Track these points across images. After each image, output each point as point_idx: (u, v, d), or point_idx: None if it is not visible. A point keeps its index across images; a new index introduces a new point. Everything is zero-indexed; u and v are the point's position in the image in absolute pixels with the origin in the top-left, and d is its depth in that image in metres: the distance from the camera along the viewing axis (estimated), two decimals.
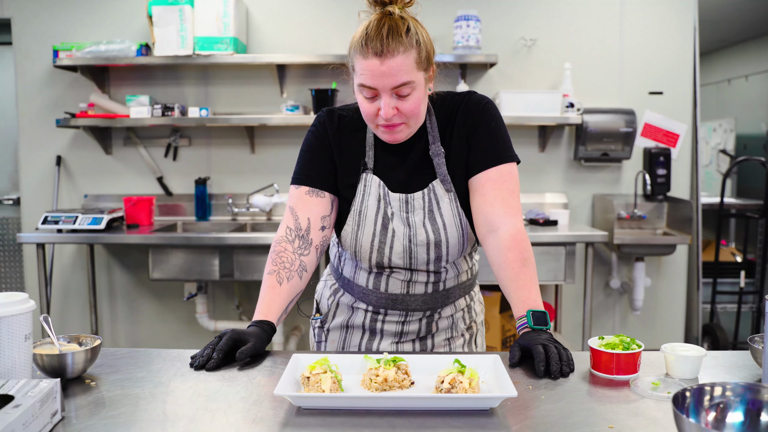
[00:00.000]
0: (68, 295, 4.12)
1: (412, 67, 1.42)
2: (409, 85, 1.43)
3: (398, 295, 1.60)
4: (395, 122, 1.47)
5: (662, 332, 4.15)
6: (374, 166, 1.57)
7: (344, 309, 1.68)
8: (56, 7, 3.95)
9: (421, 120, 1.52)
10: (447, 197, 1.55)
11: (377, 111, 1.46)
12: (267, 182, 4.00)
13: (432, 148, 1.55)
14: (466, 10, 3.71)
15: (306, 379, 1.19)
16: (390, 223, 1.54)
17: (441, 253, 1.55)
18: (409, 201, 1.55)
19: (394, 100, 1.44)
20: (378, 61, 1.40)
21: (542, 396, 1.19)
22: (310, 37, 3.95)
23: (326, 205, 1.57)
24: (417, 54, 1.43)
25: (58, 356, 1.25)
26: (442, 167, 1.55)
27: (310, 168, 1.58)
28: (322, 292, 1.77)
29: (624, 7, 3.97)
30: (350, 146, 1.59)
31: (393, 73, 1.41)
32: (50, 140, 4.04)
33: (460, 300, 1.68)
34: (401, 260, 1.55)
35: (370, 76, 1.42)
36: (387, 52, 1.39)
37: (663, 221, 4.03)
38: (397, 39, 1.40)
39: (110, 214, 3.58)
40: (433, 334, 1.66)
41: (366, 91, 1.45)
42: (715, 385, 0.92)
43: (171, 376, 1.31)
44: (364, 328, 1.66)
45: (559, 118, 3.74)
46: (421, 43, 1.44)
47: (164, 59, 3.70)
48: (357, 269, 1.63)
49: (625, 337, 1.33)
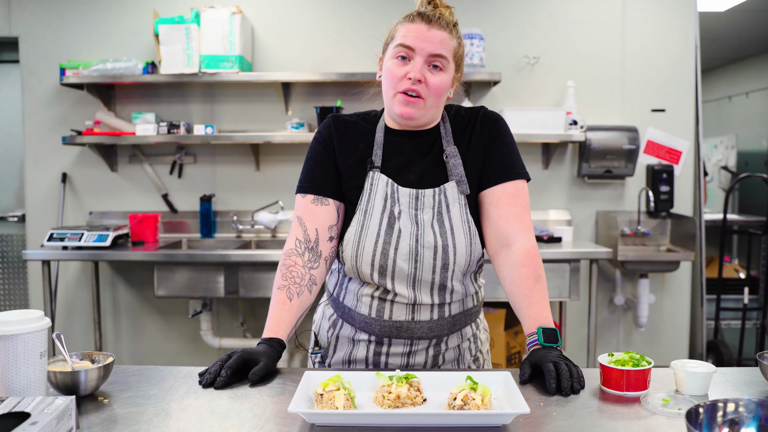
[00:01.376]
0: (73, 312, 4.12)
1: (450, 50, 1.50)
2: (443, 61, 1.48)
3: (403, 323, 1.53)
4: (417, 92, 1.48)
5: (667, 349, 4.14)
6: (382, 165, 1.55)
7: (345, 342, 1.60)
8: (63, 25, 3.99)
9: (436, 110, 1.54)
10: (458, 202, 1.52)
11: (405, 74, 1.47)
12: (272, 199, 4.01)
13: (447, 150, 1.55)
14: (470, 29, 3.74)
15: (319, 396, 1.19)
16: (396, 221, 1.50)
17: (448, 261, 1.50)
18: (419, 197, 1.52)
19: (425, 69, 1.48)
20: (425, 26, 1.47)
21: (554, 413, 1.19)
22: (315, 56, 3.99)
23: (332, 214, 1.55)
24: (457, 45, 1.52)
25: (71, 374, 1.26)
26: (459, 168, 1.53)
27: (314, 175, 1.57)
28: (320, 323, 1.68)
29: (626, 25, 4.01)
30: (356, 147, 1.57)
31: (436, 40, 1.47)
32: (56, 157, 4.06)
33: (467, 328, 1.62)
34: (406, 264, 1.49)
35: (413, 37, 1.47)
36: (435, 21, 1.48)
37: (666, 238, 4.03)
38: (446, 20, 1.51)
39: (115, 231, 3.59)
40: (440, 366, 1.59)
41: (402, 51, 1.48)
42: (728, 401, 0.93)
43: (183, 393, 1.31)
44: (368, 362, 1.58)
45: (562, 135, 3.76)
46: (460, 41, 1.54)
47: (170, 77, 3.73)
48: (359, 297, 1.55)
49: (634, 354, 1.33)
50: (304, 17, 3.99)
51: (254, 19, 3.99)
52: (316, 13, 3.98)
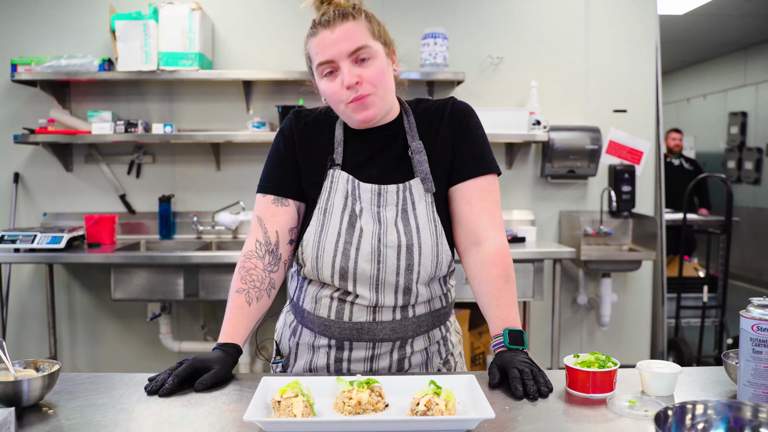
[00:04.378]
0: (26, 317, 3.99)
1: (366, 33, 1.41)
2: (366, 50, 1.40)
3: (363, 324, 1.45)
4: (363, 93, 1.41)
5: (629, 347, 4.18)
6: (343, 162, 1.49)
7: (305, 349, 1.53)
8: (15, 20, 3.86)
9: (389, 97, 1.46)
10: (424, 200, 1.46)
11: (341, 86, 1.40)
12: (233, 200, 3.94)
13: (412, 145, 1.48)
14: (433, 28, 3.72)
15: (277, 403, 1.15)
16: (358, 220, 1.43)
17: (412, 261, 1.42)
18: (382, 193, 1.45)
19: (356, 68, 1.40)
20: (328, 31, 1.40)
21: (519, 417, 1.16)
22: (276, 54, 3.92)
23: (292, 215, 1.50)
24: (368, 24, 1.43)
25: (12, 383, 1.18)
26: (424, 164, 1.47)
27: (275, 175, 1.52)
28: (282, 332, 1.61)
29: (589, 27, 4.03)
30: (317, 143, 1.52)
31: (346, 37, 1.39)
32: (7, 157, 3.92)
33: (435, 331, 1.53)
34: (368, 264, 1.41)
35: (323, 48, 1.40)
36: (335, 19, 1.40)
37: (628, 237, 4.07)
38: (343, 9, 1.42)
39: (70, 232, 3.48)
40: (406, 371, 1.50)
41: (325, 68, 1.41)
42: (697, 403, 0.91)
43: (134, 402, 1.25)
44: (329, 369, 1.50)
45: (525, 135, 3.77)
46: (370, 17, 1.45)
47: (127, 74, 3.63)
48: (318, 299, 1.48)
49: (600, 355, 1.31)
50: (266, 15, 3.93)
51: (215, 16, 3.91)
52: (279, 10, 3.92)
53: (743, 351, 1.17)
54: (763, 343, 1.13)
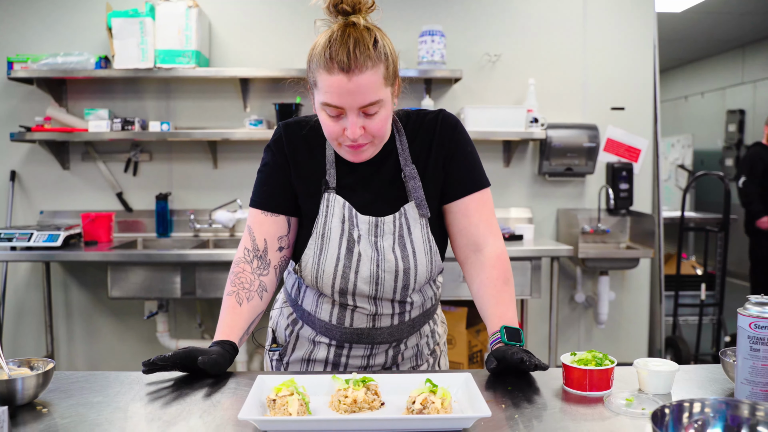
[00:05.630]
0: (22, 316, 3.98)
1: (381, 83, 1.34)
2: (377, 104, 1.35)
3: (364, 330, 1.51)
4: (362, 142, 1.39)
5: (626, 345, 4.17)
6: (336, 185, 1.48)
7: (304, 342, 1.57)
8: (11, 17, 3.84)
9: (386, 138, 1.46)
10: (419, 223, 1.48)
11: (342, 131, 1.37)
12: (230, 198, 3.93)
13: (406, 170, 1.48)
14: (431, 26, 3.71)
15: (272, 401, 1.14)
16: (356, 245, 1.45)
17: (409, 282, 1.47)
18: (379, 225, 1.46)
19: (361, 119, 1.36)
20: (345, 78, 1.31)
21: (516, 415, 1.16)
22: (274, 51, 3.91)
23: (282, 225, 1.50)
24: (385, 69, 1.35)
25: (6, 382, 1.18)
26: (419, 191, 1.48)
27: (263, 190, 1.52)
28: (278, 321, 1.64)
29: (587, 25, 4.02)
30: (309, 163, 1.50)
31: (362, 91, 1.32)
32: (4, 155, 3.91)
33: (425, 326, 1.61)
34: (367, 286, 1.45)
35: (336, 94, 1.32)
36: (355, 67, 1.30)
37: (626, 235, 4.07)
38: (365, 53, 1.31)
39: (67, 230, 3.46)
40: (398, 364, 1.59)
41: (331, 110, 1.36)
42: (694, 401, 0.90)
43: (129, 400, 1.25)
44: (327, 361, 1.56)
45: (523, 133, 3.76)
46: (388, 56, 1.37)
47: (124, 72, 3.62)
48: (319, 303, 1.52)
49: (597, 353, 1.31)
50: (264, 12, 3.92)
51: (211, 14, 3.90)
52: (276, 8, 3.91)
53: (741, 349, 1.17)
54: (760, 340, 1.13)
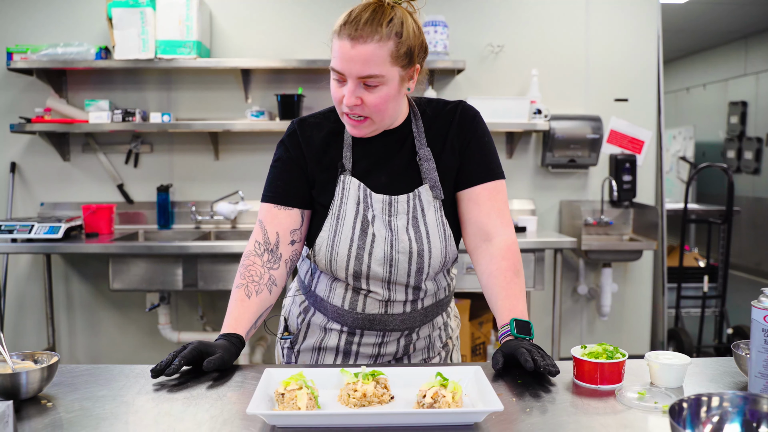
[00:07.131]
0: (23, 308, 3.96)
1: (385, 59, 1.35)
2: (377, 78, 1.36)
3: (376, 315, 1.50)
4: (358, 114, 1.40)
5: (629, 337, 4.17)
6: (353, 168, 1.49)
7: (316, 330, 1.57)
8: (10, 8, 3.81)
9: (388, 119, 1.44)
10: (433, 205, 1.48)
11: (342, 97, 1.39)
12: (231, 189, 3.91)
13: (421, 152, 1.49)
14: (433, 16, 3.68)
15: (280, 395, 1.13)
16: (370, 226, 1.45)
17: (423, 265, 1.46)
18: (393, 203, 1.47)
19: (360, 89, 1.37)
20: (349, 44, 1.34)
21: (527, 409, 1.15)
22: (275, 42, 3.88)
23: (295, 218, 1.50)
24: (394, 47, 1.36)
25: (10, 375, 1.16)
26: (433, 172, 1.48)
27: (277, 185, 1.51)
28: (290, 309, 1.65)
29: (590, 16, 3.99)
30: (326, 151, 1.50)
31: (362, 60, 1.34)
32: (4, 146, 3.88)
33: (438, 318, 1.60)
34: (381, 268, 1.45)
35: (339, 58, 1.36)
36: (360, 37, 1.33)
37: (629, 227, 4.05)
38: (374, 26, 1.34)
39: (68, 222, 3.45)
40: (410, 354, 1.58)
41: (335, 74, 1.39)
42: (712, 395, 0.89)
43: (134, 394, 1.23)
44: (338, 350, 1.55)
45: (526, 124, 3.74)
46: (402, 35, 1.37)
47: (125, 63, 3.59)
48: (332, 288, 1.51)
49: (608, 346, 1.29)
50: (265, 2, 3.88)
51: (212, 4, 3.86)
52: None
53: (755, 342, 1.15)
54: None
